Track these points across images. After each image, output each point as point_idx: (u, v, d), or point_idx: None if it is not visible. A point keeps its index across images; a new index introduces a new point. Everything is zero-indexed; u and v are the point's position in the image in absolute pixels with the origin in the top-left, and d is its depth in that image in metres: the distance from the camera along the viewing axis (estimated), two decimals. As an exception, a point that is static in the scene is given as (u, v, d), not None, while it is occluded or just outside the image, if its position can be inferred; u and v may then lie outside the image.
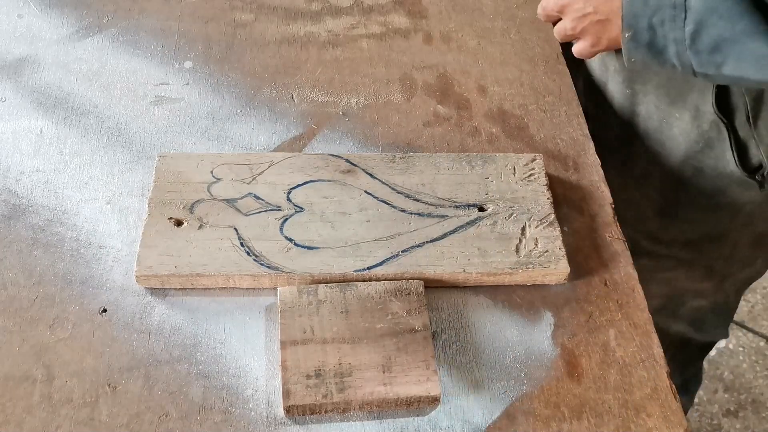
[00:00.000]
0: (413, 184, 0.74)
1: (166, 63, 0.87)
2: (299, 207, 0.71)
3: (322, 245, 0.68)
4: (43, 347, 0.63)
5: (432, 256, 0.68)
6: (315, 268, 0.67)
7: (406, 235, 0.70)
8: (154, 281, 0.66)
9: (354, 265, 0.67)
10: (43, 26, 0.90)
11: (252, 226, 0.69)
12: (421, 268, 0.67)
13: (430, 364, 0.61)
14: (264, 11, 0.94)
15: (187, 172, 0.73)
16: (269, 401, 0.61)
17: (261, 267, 0.66)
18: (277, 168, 0.74)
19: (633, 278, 0.70)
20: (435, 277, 0.67)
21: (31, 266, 0.68)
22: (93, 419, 0.59)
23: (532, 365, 0.64)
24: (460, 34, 0.94)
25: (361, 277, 0.67)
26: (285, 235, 0.69)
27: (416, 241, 0.69)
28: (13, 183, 0.74)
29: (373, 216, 0.71)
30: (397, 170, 0.75)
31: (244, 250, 0.67)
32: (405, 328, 0.63)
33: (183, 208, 0.70)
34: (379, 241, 0.69)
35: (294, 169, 0.74)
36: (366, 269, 0.67)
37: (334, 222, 0.70)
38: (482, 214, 0.72)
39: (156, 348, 0.63)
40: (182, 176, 0.72)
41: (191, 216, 0.69)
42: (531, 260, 0.68)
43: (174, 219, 0.69)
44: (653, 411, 0.62)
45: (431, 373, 0.61)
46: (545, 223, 0.71)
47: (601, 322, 0.67)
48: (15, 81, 0.83)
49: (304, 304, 0.64)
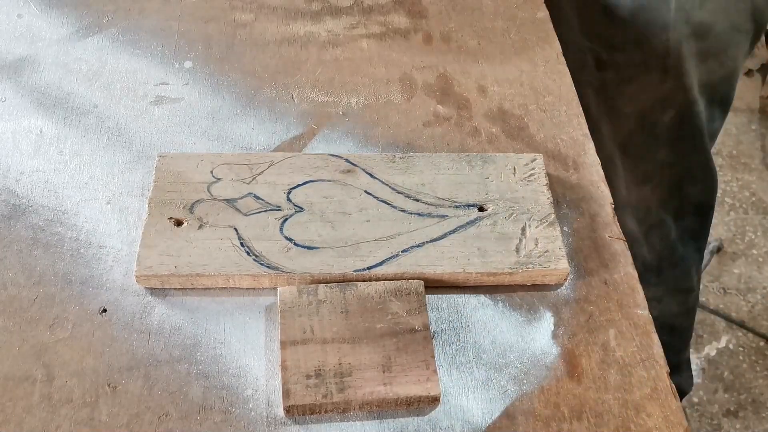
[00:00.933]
0: (413, 184, 0.74)
1: (166, 63, 0.87)
2: (299, 207, 0.71)
3: (322, 245, 0.68)
4: (43, 347, 0.63)
5: (432, 256, 0.68)
6: (315, 268, 0.67)
7: (406, 235, 0.70)
8: (154, 281, 0.66)
9: (354, 264, 0.67)
10: (43, 26, 0.90)
11: (252, 226, 0.69)
12: (421, 268, 0.67)
13: (429, 364, 0.61)
14: (264, 11, 0.94)
15: (187, 172, 0.73)
16: (269, 401, 0.61)
17: (261, 267, 0.66)
18: (277, 168, 0.74)
19: (633, 278, 0.70)
20: (435, 277, 0.67)
21: (31, 266, 0.68)
22: (93, 419, 0.59)
23: (532, 365, 0.64)
24: (460, 34, 0.94)
25: (362, 277, 0.67)
26: (285, 235, 0.69)
27: (416, 241, 0.69)
28: (13, 183, 0.74)
29: (373, 216, 0.71)
30: (397, 170, 0.75)
31: (244, 250, 0.67)
32: (405, 328, 0.63)
33: (183, 208, 0.70)
34: (379, 241, 0.69)
35: (294, 169, 0.74)
36: (366, 269, 0.67)
37: (334, 222, 0.70)
38: (482, 214, 0.72)
39: (156, 348, 0.63)
40: (182, 176, 0.72)
41: (191, 216, 0.69)
42: (531, 260, 0.68)
43: (174, 219, 0.69)
44: (653, 411, 0.62)
45: (431, 373, 0.61)
46: (545, 223, 0.71)
47: (601, 322, 0.67)
48: (15, 81, 0.83)
49: (304, 303, 0.64)
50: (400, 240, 0.69)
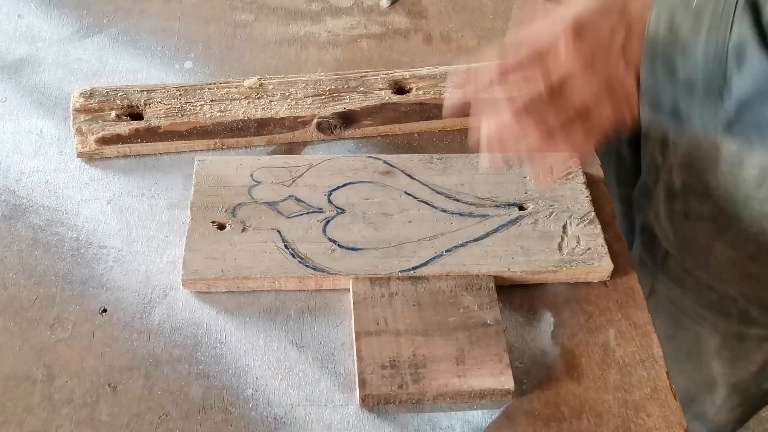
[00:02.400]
0: (452, 184, 0.74)
1: (167, 63, 0.87)
2: (341, 209, 0.71)
3: (366, 246, 0.69)
4: (43, 347, 0.63)
5: (476, 255, 0.69)
6: (360, 269, 0.67)
7: (449, 234, 0.70)
8: (201, 285, 0.66)
9: (399, 265, 0.67)
10: (43, 26, 0.90)
11: (295, 229, 0.69)
12: (466, 268, 0.68)
13: (503, 358, 0.62)
14: (264, 11, 0.94)
15: (227, 175, 0.73)
16: (269, 401, 0.61)
17: (307, 269, 0.66)
18: (316, 170, 0.74)
19: (633, 278, 0.70)
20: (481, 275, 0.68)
21: (31, 266, 0.68)
22: (93, 419, 0.59)
23: (532, 365, 0.64)
24: (460, 35, 0.94)
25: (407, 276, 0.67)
26: (328, 236, 0.69)
27: (459, 240, 0.70)
28: (13, 183, 0.74)
29: (415, 216, 0.71)
30: (435, 171, 0.75)
31: (288, 252, 0.68)
32: (477, 322, 0.64)
33: (225, 211, 0.70)
34: (422, 242, 0.69)
35: (333, 171, 0.74)
36: (411, 269, 0.67)
37: (376, 223, 0.70)
38: (523, 213, 0.72)
39: (156, 348, 0.63)
40: (223, 180, 0.73)
41: (234, 219, 0.70)
42: (574, 258, 0.69)
43: (217, 223, 0.69)
44: (653, 411, 0.62)
45: (504, 366, 0.61)
46: (586, 221, 0.72)
47: (601, 322, 0.67)
48: (15, 81, 0.83)
49: (377, 296, 0.65)
50: (443, 240, 0.69)
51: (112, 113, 0.77)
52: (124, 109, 0.77)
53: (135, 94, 0.78)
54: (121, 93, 0.78)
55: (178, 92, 0.79)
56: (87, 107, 0.77)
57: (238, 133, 0.77)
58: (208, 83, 0.80)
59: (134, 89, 0.79)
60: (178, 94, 0.79)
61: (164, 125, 0.76)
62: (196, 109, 0.78)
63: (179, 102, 0.78)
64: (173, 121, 0.76)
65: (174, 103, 0.78)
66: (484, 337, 0.63)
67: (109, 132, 0.76)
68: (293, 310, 0.67)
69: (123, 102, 0.78)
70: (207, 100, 0.78)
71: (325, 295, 0.67)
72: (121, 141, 0.76)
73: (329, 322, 0.66)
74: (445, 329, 0.63)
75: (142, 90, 0.79)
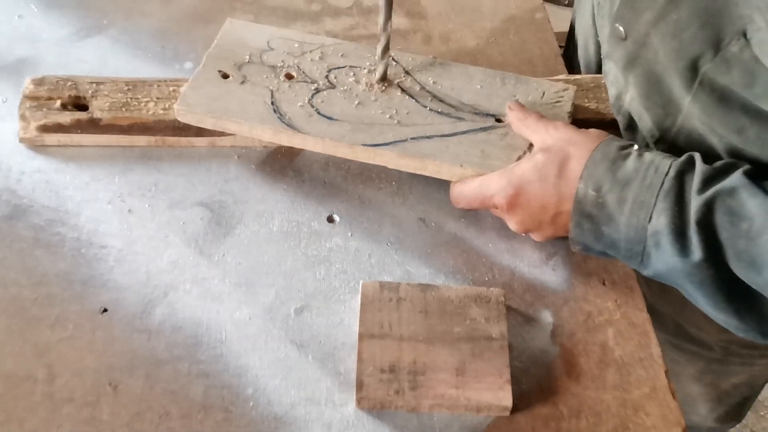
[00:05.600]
0: (443, 86, 0.78)
1: (167, 64, 0.87)
2: (332, 84, 0.77)
3: (342, 118, 0.74)
4: (44, 347, 0.63)
5: (437, 148, 0.72)
6: (328, 135, 0.72)
7: (421, 126, 0.74)
8: (190, 117, 0.73)
9: (362, 139, 0.72)
10: (43, 27, 0.90)
11: (286, 91, 0.76)
12: (423, 156, 0.71)
13: (503, 373, 0.61)
14: (264, 11, 0.94)
15: (247, 38, 0.81)
16: (270, 400, 0.61)
17: (281, 124, 0.72)
18: (325, 50, 0.81)
19: (631, 278, 0.71)
20: (434, 167, 0.71)
21: (32, 266, 0.68)
22: (94, 418, 0.59)
23: (531, 364, 0.65)
24: (459, 35, 0.94)
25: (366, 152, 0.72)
26: (311, 104, 0.75)
27: (427, 133, 0.73)
28: (14, 183, 0.74)
29: (397, 104, 0.76)
30: (432, 72, 0.80)
31: (272, 107, 0.74)
32: (482, 335, 0.64)
33: (233, 65, 0.77)
34: (392, 126, 0.74)
35: (339, 54, 0.80)
36: (372, 145, 0.71)
37: (358, 103, 0.75)
38: (497, 124, 0.75)
39: (157, 347, 0.64)
40: (242, 41, 0.80)
41: (238, 73, 0.77)
42: None
43: (222, 72, 0.76)
44: (651, 410, 0.62)
45: (504, 382, 0.61)
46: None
47: (600, 322, 0.68)
48: (16, 81, 0.83)
49: (385, 299, 0.66)
50: (413, 129, 0.74)
51: (57, 102, 0.78)
52: (71, 99, 0.78)
53: (84, 85, 0.79)
54: (70, 83, 0.79)
55: (126, 87, 0.79)
56: (35, 94, 0.78)
57: (179, 132, 0.77)
58: (158, 80, 0.81)
59: (84, 80, 0.80)
60: (126, 88, 0.79)
61: (106, 118, 0.77)
62: (140, 105, 0.78)
63: (125, 97, 0.78)
64: (115, 115, 0.77)
65: (120, 98, 0.78)
66: (487, 351, 0.63)
67: (51, 120, 0.76)
68: (293, 309, 0.67)
69: (71, 92, 0.78)
70: (153, 97, 0.79)
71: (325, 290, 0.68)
72: (61, 130, 0.76)
73: (329, 322, 0.66)
74: (449, 339, 0.63)
75: (91, 82, 0.80)
